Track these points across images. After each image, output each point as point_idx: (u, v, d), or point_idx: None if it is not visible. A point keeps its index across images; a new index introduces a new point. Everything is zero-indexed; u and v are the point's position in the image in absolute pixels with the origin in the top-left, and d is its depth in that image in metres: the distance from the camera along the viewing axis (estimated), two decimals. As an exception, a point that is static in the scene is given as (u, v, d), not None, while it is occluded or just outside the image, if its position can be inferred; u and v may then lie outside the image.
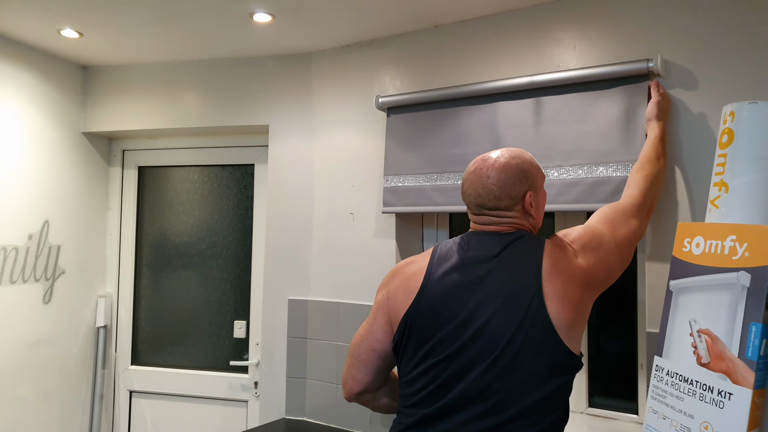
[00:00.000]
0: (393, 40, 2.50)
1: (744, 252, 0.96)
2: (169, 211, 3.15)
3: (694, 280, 1.05)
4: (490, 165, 1.41)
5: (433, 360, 1.32)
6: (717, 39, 1.80)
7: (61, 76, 2.90)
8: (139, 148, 3.19)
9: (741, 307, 0.95)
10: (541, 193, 1.48)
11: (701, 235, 1.05)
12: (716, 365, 0.98)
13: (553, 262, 1.28)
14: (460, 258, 1.37)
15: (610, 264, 1.36)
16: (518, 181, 1.39)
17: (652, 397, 1.12)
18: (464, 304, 1.30)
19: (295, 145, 2.74)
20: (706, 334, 1.01)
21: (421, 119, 2.36)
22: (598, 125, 1.97)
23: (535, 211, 1.43)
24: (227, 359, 2.98)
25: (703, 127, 1.81)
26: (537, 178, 1.44)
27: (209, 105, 2.87)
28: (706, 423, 0.98)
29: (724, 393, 0.96)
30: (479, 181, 1.41)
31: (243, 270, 3.01)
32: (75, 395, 2.98)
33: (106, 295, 3.13)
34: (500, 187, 1.38)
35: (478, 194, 1.41)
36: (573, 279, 1.27)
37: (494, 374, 1.24)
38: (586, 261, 1.31)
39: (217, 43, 2.65)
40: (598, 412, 2.19)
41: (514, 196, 1.39)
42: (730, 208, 1.02)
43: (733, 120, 1.04)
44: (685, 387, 1.04)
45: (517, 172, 1.39)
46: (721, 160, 1.05)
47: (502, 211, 1.40)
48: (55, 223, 2.86)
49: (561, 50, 2.10)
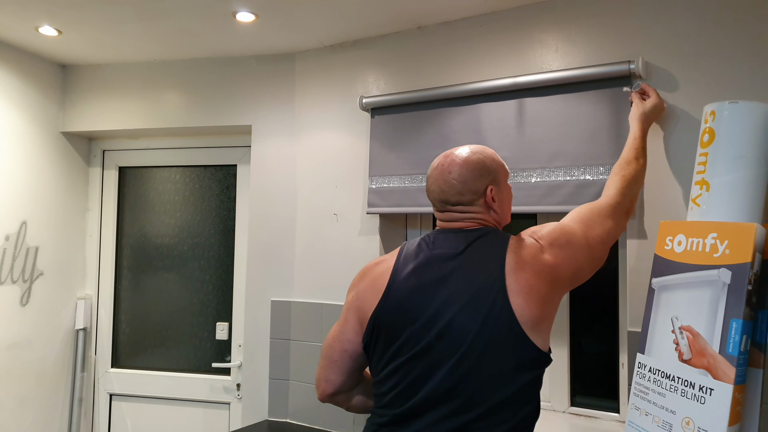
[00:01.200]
0: (376, 41, 2.50)
1: (725, 249, 0.98)
2: (150, 212, 3.12)
3: (676, 278, 1.06)
4: (451, 161, 1.42)
5: (400, 359, 1.32)
6: (697, 41, 1.83)
7: (39, 75, 2.85)
8: (120, 149, 3.15)
9: (722, 304, 0.97)
10: (505, 188, 1.48)
11: (683, 233, 1.06)
12: (697, 361, 0.99)
13: (518, 258, 1.29)
14: (425, 256, 1.38)
15: (580, 262, 1.36)
16: (479, 176, 1.40)
17: (634, 393, 1.13)
18: (429, 303, 1.30)
19: (278, 146, 2.73)
20: (688, 331, 1.02)
21: (405, 120, 2.36)
22: (581, 127, 1.99)
23: (499, 206, 1.44)
24: (209, 361, 2.95)
25: (684, 127, 1.84)
26: (499, 173, 1.45)
27: (191, 105, 2.85)
28: (688, 418, 1.00)
29: (706, 389, 0.97)
30: (441, 177, 1.43)
31: (225, 271, 2.98)
32: (53, 399, 2.93)
33: (85, 297, 3.09)
34: (461, 182, 1.40)
35: (441, 190, 1.42)
36: (538, 274, 1.27)
37: (461, 373, 1.24)
38: (553, 257, 1.31)
39: (199, 43, 2.63)
40: (580, 411, 2.21)
41: (476, 191, 1.40)
42: (712, 206, 1.04)
43: (714, 119, 1.05)
44: (667, 383, 1.05)
45: (478, 166, 1.41)
46: (702, 159, 1.07)
47: (464, 206, 1.41)
48: (33, 224, 2.81)
49: (544, 52, 2.12)
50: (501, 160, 1.49)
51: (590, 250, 1.38)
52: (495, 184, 1.42)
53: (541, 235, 1.36)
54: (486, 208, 1.42)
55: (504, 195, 1.47)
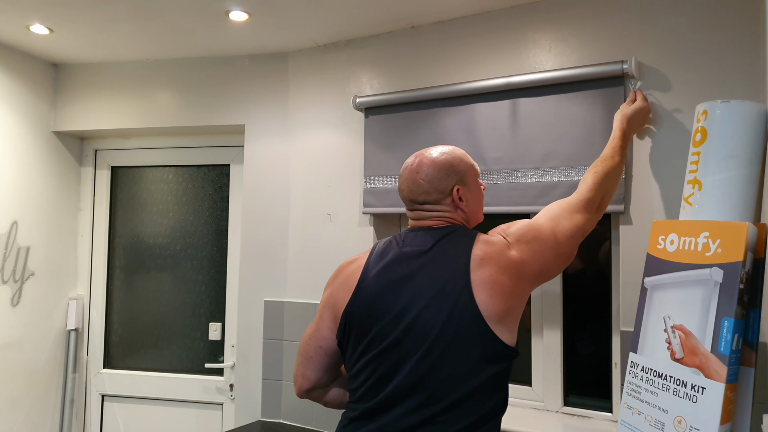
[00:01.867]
0: (370, 41, 2.50)
1: (717, 248, 0.98)
2: (142, 212, 3.10)
3: (668, 277, 1.06)
4: (420, 162, 1.46)
5: (370, 355, 1.36)
6: (689, 41, 1.84)
7: (30, 74, 2.83)
8: (112, 148, 3.13)
9: (714, 303, 0.97)
10: (474, 188, 1.50)
11: (675, 233, 1.06)
12: (690, 360, 0.99)
13: (483, 254, 1.32)
14: (394, 254, 1.42)
15: (546, 257, 1.39)
16: (446, 176, 1.44)
17: (626, 393, 1.14)
18: (397, 299, 1.34)
19: (272, 146, 2.72)
20: (680, 330, 1.02)
21: (399, 120, 2.36)
22: (575, 127, 1.99)
23: (467, 206, 1.47)
24: (202, 362, 2.94)
25: (677, 127, 1.84)
26: (467, 174, 1.48)
27: (184, 104, 2.83)
28: (680, 417, 1.00)
29: (698, 387, 0.98)
30: (410, 177, 1.47)
31: (218, 272, 2.97)
32: (44, 400, 2.91)
33: (77, 298, 3.07)
34: (428, 181, 1.43)
35: (410, 189, 1.46)
36: (503, 269, 1.30)
37: (426, 366, 1.28)
38: (519, 252, 1.34)
39: (192, 42, 2.62)
40: (573, 411, 2.21)
41: (442, 190, 1.43)
42: (704, 205, 1.04)
43: (706, 119, 1.06)
44: (660, 382, 1.05)
45: (445, 167, 1.45)
46: (694, 158, 1.07)
47: (431, 204, 1.45)
48: (25, 223, 2.79)
49: (537, 52, 2.12)
50: (470, 161, 1.52)
51: (558, 245, 1.41)
52: (462, 184, 1.46)
53: (509, 232, 1.40)
54: (453, 207, 1.45)
55: (472, 194, 1.50)
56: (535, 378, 2.29)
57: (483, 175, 2.16)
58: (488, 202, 2.14)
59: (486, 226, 2.44)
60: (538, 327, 2.29)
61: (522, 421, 2.12)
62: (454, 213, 1.46)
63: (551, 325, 2.26)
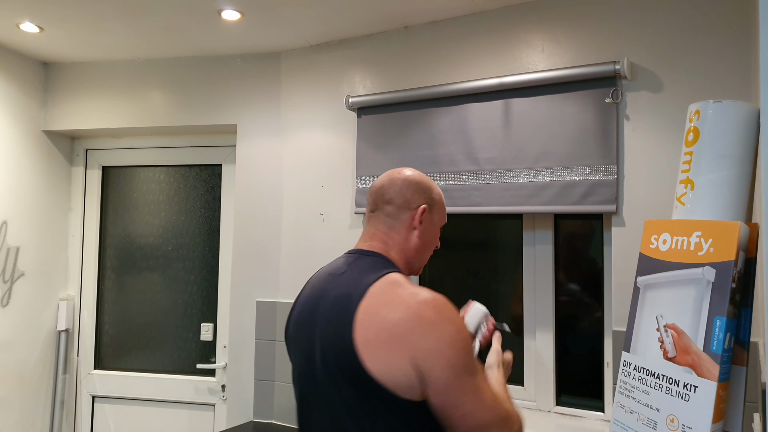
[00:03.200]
0: (363, 41, 2.49)
1: (709, 248, 0.98)
2: (133, 212, 3.08)
3: (661, 276, 1.06)
4: (405, 170, 1.35)
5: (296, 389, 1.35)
6: (682, 41, 1.85)
7: (20, 73, 2.81)
8: (103, 148, 3.11)
9: (706, 302, 0.97)
10: (434, 224, 1.35)
11: (668, 232, 1.07)
12: (682, 359, 1.00)
13: (376, 298, 1.13)
14: (317, 276, 1.33)
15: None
16: (420, 191, 1.31)
17: (619, 392, 1.14)
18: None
19: (264, 145, 2.71)
20: (673, 329, 1.02)
21: (392, 120, 2.36)
22: (567, 127, 1.99)
23: (420, 234, 1.30)
24: (194, 362, 2.92)
25: (668, 127, 1.85)
26: (437, 207, 1.35)
27: (176, 104, 2.82)
28: (672, 416, 1.00)
29: (690, 386, 0.98)
30: (390, 175, 1.35)
31: (210, 272, 2.96)
32: (34, 401, 2.89)
33: (67, 298, 3.05)
34: (403, 186, 1.32)
35: (381, 185, 1.34)
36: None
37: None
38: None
39: (184, 41, 2.61)
40: (566, 411, 2.22)
41: (411, 200, 1.30)
42: (696, 205, 1.04)
43: (699, 119, 1.06)
44: (652, 381, 1.05)
45: (423, 185, 1.33)
46: (687, 158, 1.07)
47: (392, 207, 1.30)
48: (14, 223, 2.77)
49: (530, 52, 2.13)
50: (442, 203, 1.39)
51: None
52: (429, 211, 1.32)
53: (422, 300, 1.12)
54: (408, 227, 1.30)
55: (432, 228, 1.35)
56: (528, 378, 2.29)
57: (476, 175, 2.16)
58: (480, 202, 2.15)
59: (478, 226, 2.45)
60: (530, 327, 2.29)
61: (514, 420, 2.12)
62: (401, 234, 1.30)
63: (543, 325, 2.26)
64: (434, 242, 1.38)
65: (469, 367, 1.09)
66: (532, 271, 2.30)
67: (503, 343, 1.43)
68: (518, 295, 2.33)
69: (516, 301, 2.35)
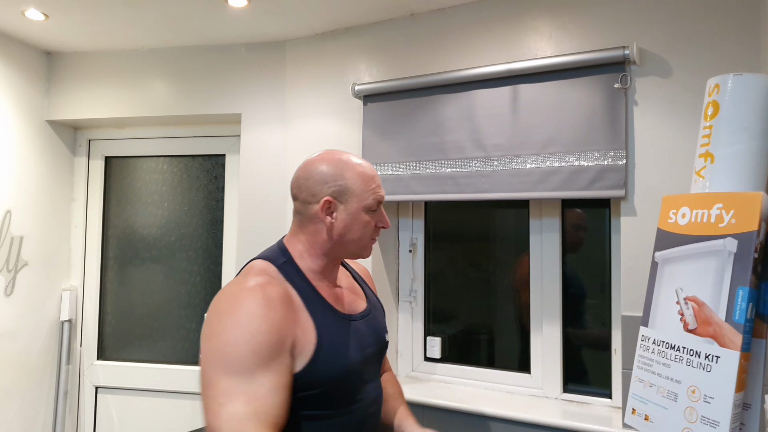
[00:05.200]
0: (369, 28, 2.49)
1: (730, 219, 0.98)
2: (136, 202, 3.08)
3: (680, 250, 1.07)
4: (319, 157, 1.31)
5: None
6: (691, 25, 1.85)
7: (24, 62, 2.80)
8: (106, 138, 3.10)
9: (728, 273, 0.97)
10: (354, 212, 1.26)
11: (687, 206, 1.07)
12: (703, 330, 1.00)
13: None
14: None
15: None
16: (322, 182, 1.24)
17: (637, 366, 1.14)
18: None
19: (269, 135, 2.71)
20: (693, 301, 1.03)
21: (398, 108, 2.36)
22: (575, 113, 2.00)
23: (339, 229, 1.25)
24: (197, 353, 2.91)
25: (677, 113, 1.86)
26: (352, 192, 1.25)
27: (179, 93, 2.81)
28: (693, 387, 1.00)
29: (711, 356, 0.98)
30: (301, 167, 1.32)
31: (214, 262, 2.95)
32: (38, 391, 2.87)
33: (70, 289, 3.04)
34: (305, 177, 1.27)
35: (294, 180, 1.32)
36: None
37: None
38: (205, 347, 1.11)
39: (189, 29, 2.60)
40: (573, 398, 2.22)
41: (315, 194, 1.24)
42: (716, 177, 1.05)
43: (718, 92, 1.07)
44: (672, 354, 1.06)
45: (319, 175, 1.25)
46: (706, 132, 1.08)
47: (299, 203, 1.28)
48: (18, 213, 2.76)
49: (537, 39, 2.13)
50: (364, 182, 1.26)
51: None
52: (340, 199, 1.24)
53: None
54: (317, 221, 1.25)
55: (350, 218, 1.25)
56: (534, 365, 2.30)
57: (483, 161, 2.16)
58: (487, 189, 2.15)
59: (487, 213, 2.45)
60: (537, 315, 2.30)
61: (521, 407, 2.12)
62: (307, 230, 1.26)
63: (550, 313, 2.27)
64: (363, 229, 1.27)
65: (216, 362, 1.06)
66: (539, 259, 2.30)
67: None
68: (524, 282, 2.34)
69: (522, 289, 2.35)
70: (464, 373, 2.44)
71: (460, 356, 2.51)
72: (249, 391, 1.04)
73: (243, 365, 1.05)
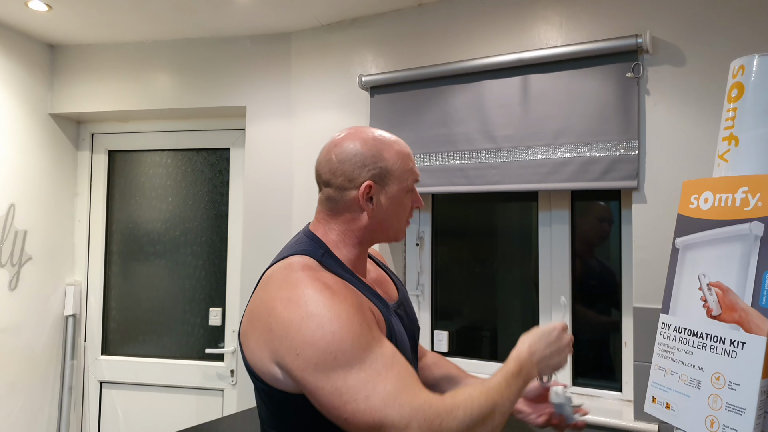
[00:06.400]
0: (376, 19, 2.47)
1: (757, 202, 0.96)
2: (140, 197, 3.05)
3: (703, 235, 1.05)
4: (345, 136, 1.17)
5: None
6: (704, 14, 1.83)
7: (27, 55, 2.78)
8: (110, 132, 3.08)
9: (754, 257, 0.95)
10: (396, 195, 1.15)
11: (710, 190, 1.05)
12: (728, 316, 0.98)
13: (268, 279, 1.08)
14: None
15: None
16: (361, 165, 1.12)
17: (657, 354, 1.12)
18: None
19: (274, 128, 2.68)
20: (717, 287, 1.01)
21: (406, 99, 2.34)
22: (587, 104, 1.98)
23: (374, 213, 1.14)
24: (202, 347, 2.90)
25: (690, 102, 1.84)
26: (392, 174, 1.14)
27: (183, 86, 2.79)
28: (718, 374, 0.98)
29: (737, 343, 0.96)
30: (325, 149, 1.19)
31: (218, 257, 2.93)
32: (42, 386, 2.86)
33: (74, 283, 3.02)
34: (340, 160, 1.13)
35: (318, 162, 1.19)
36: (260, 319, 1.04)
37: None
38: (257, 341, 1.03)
39: (193, 21, 2.58)
40: (582, 391, 2.21)
41: (352, 178, 1.12)
42: (740, 161, 1.03)
43: (743, 74, 1.05)
44: (695, 341, 1.04)
45: (355, 157, 1.12)
46: (730, 114, 1.06)
47: (332, 189, 1.15)
48: (22, 207, 2.74)
49: (548, 28, 2.11)
50: (407, 163, 1.16)
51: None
52: (380, 183, 1.13)
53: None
54: (355, 209, 1.13)
55: (390, 202, 1.15)
56: (544, 358, 2.28)
57: (493, 152, 2.14)
58: (497, 181, 2.13)
59: (494, 208, 2.43)
60: (546, 308, 2.28)
61: (531, 400, 2.11)
62: (342, 218, 1.15)
63: (559, 306, 2.25)
64: (402, 211, 1.18)
65: (329, 369, 0.94)
66: (548, 251, 2.28)
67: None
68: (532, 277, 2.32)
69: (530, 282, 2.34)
70: (472, 367, 2.42)
71: (468, 350, 2.49)
72: (378, 368, 0.94)
73: (356, 353, 0.94)
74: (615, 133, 1.92)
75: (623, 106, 1.91)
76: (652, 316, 1.80)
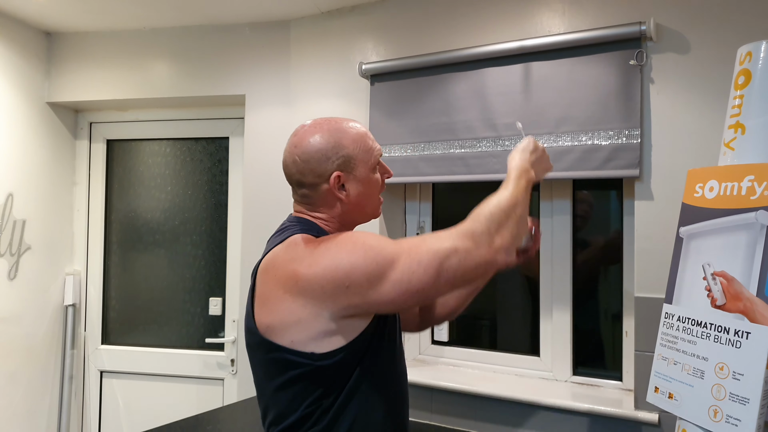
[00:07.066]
0: (376, 6, 2.44)
1: (763, 191, 0.95)
2: (139, 186, 3.04)
3: (708, 224, 1.04)
4: (301, 135, 1.21)
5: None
6: (709, 1, 1.81)
7: (23, 43, 2.75)
8: (108, 121, 3.06)
9: (760, 247, 0.94)
10: (362, 173, 1.21)
11: (715, 179, 1.04)
12: (733, 306, 0.97)
13: (271, 260, 1.12)
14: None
15: (350, 276, 1.04)
16: (325, 158, 1.17)
17: (660, 344, 1.12)
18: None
19: (273, 116, 2.66)
20: (722, 276, 1.00)
21: (406, 87, 2.32)
22: (589, 91, 1.96)
23: (348, 198, 1.20)
24: (202, 337, 2.90)
25: (694, 90, 1.82)
26: (356, 157, 1.20)
27: (182, 74, 2.77)
28: (722, 364, 0.98)
29: (742, 332, 0.96)
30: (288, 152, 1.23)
31: (218, 246, 2.92)
32: (43, 376, 2.86)
33: (74, 273, 3.01)
34: (304, 160, 1.18)
35: (286, 165, 1.23)
36: (279, 281, 1.08)
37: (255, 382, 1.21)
38: (308, 267, 1.06)
39: (192, 9, 2.55)
40: (582, 380, 2.21)
41: (320, 174, 1.17)
42: (747, 149, 1.01)
43: (750, 60, 1.03)
44: (698, 330, 1.03)
45: (317, 152, 1.17)
46: (737, 102, 1.04)
47: (306, 189, 1.20)
48: (20, 196, 2.72)
49: (550, 15, 2.08)
50: (363, 143, 1.21)
51: (393, 268, 1.03)
52: (348, 170, 1.18)
53: (324, 238, 1.12)
54: (331, 199, 1.19)
55: (361, 184, 1.21)
56: (544, 348, 2.28)
57: (493, 141, 2.12)
58: (498, 170, 2.11)
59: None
60: (546, 298, 2.27)
61: (530, 390, 2.11)
62: (322, 208, 1.21)
63: (560, 296, 2.24)
64: (375, 189, 1.25)
65: (372, 275, 1.03)
66: (549, 242, 2.27)
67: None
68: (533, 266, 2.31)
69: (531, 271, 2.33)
70: (472, 356, 2.42)
71: (468, 339, 2.49)
72: (402, 243, 1.07)
73: (386, 249, 1.06)
74: (617, 121, 1.90)
75: (626, 94, 1.89)
76: (653, 306, 1.79)
